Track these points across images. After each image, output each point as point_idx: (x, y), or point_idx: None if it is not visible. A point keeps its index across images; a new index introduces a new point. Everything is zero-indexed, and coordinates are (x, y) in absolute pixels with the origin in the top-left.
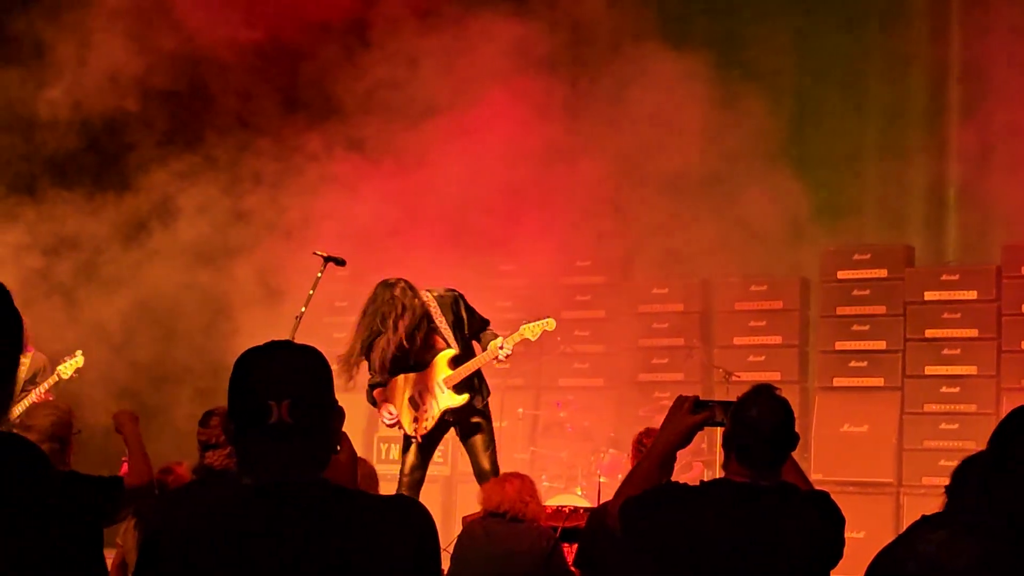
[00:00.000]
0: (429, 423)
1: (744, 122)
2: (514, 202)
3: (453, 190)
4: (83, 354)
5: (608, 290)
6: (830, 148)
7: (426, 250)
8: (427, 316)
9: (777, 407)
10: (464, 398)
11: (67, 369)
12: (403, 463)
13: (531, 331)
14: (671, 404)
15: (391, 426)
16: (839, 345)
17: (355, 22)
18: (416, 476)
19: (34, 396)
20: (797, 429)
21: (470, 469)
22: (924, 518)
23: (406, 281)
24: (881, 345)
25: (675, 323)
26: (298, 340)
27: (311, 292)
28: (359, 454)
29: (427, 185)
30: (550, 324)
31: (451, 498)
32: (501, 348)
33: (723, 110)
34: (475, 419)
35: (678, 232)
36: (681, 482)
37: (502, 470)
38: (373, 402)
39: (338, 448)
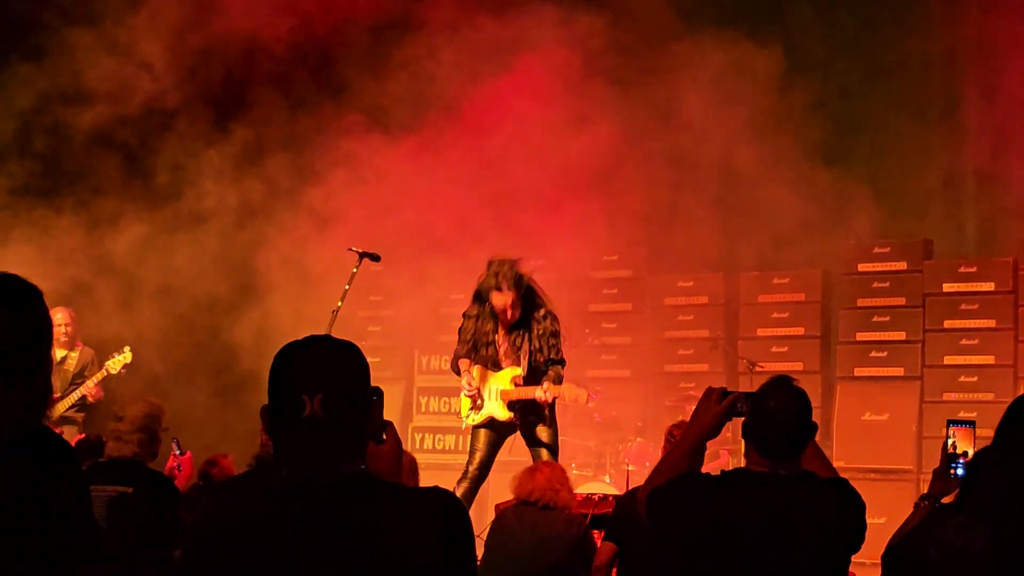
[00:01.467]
0: (476, 420)
1: (765, 116)
2: (542, 197)
3: (480, 185)
4: (131, 350)
5: (634, 284)
6: (850, 142)
7: (454, 244)
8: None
9: (794, 398)
10: (508, 415)
11: (115, 364)
12: (471, 457)
13: (572, 393)
14: (697, 394)
15: (469, 395)
16: (860, 336)
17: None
18: (482, 473)
19: (83, 390)
20: (819, 418)
21: (502, 459)
22: (940, 507)
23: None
24: (901, 336)
25: (700, 315)
26: (335, 333)
27: (347, 287)
28: None
29: (454, 179)
30: (583, 396)
31: (484, 485)
32: (545, 392)
33: (745, 104)
34: (543, 427)
35: (702, 226)
36: (705, 472)
37: (533, 458)
38: (457, 370)
39: (383, 437)
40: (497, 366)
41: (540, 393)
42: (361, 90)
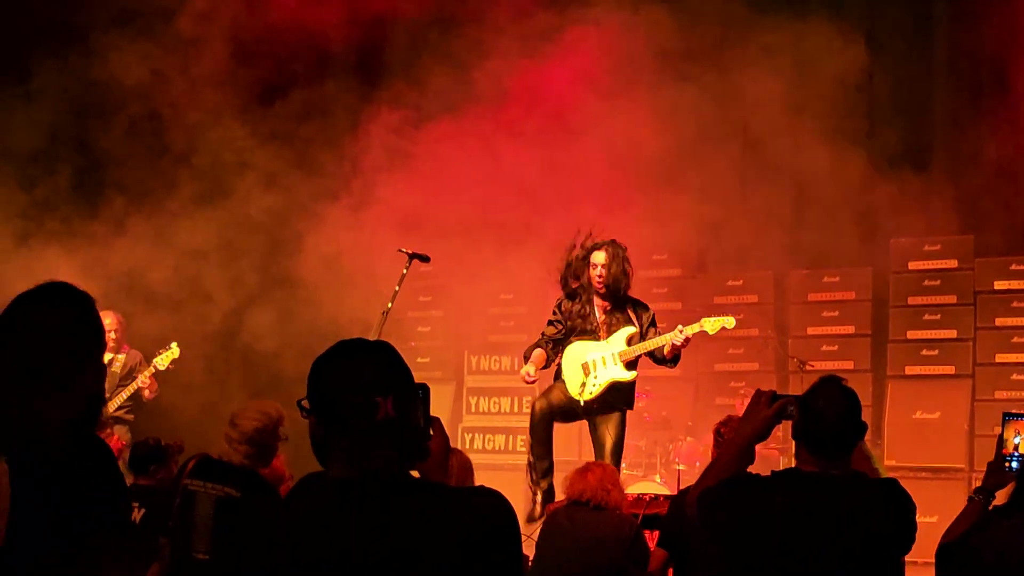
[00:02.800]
0: (596, 390)
1: (815, 114)
2: (592, 195)
3: (529, 183)
4: (178, 346)
5: (684, 283)
6: (900, 139)
7: (503, 244)
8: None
9: (843, 397)
10: (633, 375)
11: (163, 361)
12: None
13: (711, 325)
14: (748, 394)
15: (529, 383)
16: (911, 334)
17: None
18: (548, 412)
19: (138, 383)
20: (870, 417)
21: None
22: (995, 508)
23: None
24: (952, 334)
25: (750, 314)
26: (384, 335)
27: (396, 288)
28: None
29: (504, 178)
30: (729, 322)
31: None
32: (681, 332)
33: (789, 104)
34: (613, 419)
35: (751, 224)
36: (754, 473)
37: (582, 458)
38: (527, 356)
39: (430, 433)
40: (601, 332)
41: (676, 335)
42: (413, 84)
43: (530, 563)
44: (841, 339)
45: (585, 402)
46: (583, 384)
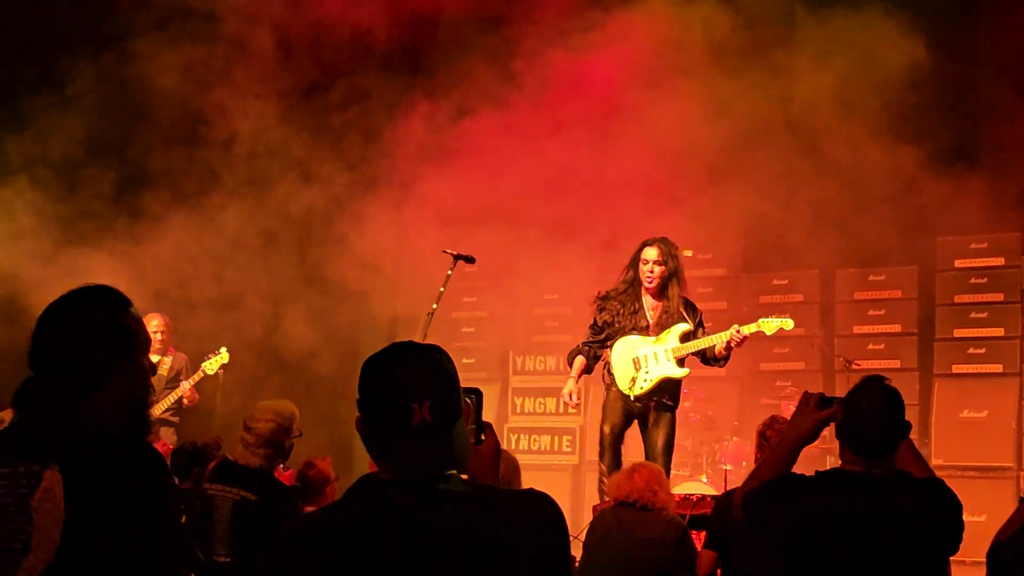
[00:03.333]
0: (647, 386)
1: (864, 110)
2: (639, 195)
3: (574, 182)
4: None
5: (729, 282)
6: (945, 138)
7: (547, 241)
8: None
9: (886, 396)
10: (685, 372)
11: (212, 365)
12: (604, 463)
13: (768, 326)
14: (793, 394)
15: (572, 406)
16: (957, 332)
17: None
18: (611, 439)
19: (179, 392)
20: (917, 415)
21: (595, 458)
22: None
23: None
24: (999, 332)
25: (795, 313)
26: (430, 335)
27: (442, 289)
28: None
29: (549, 176)
30: (788, 323)
31: (580, 486)
32: (739, 332)
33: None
34: (664, 419)
35: (797, 223)
36: (798, 473)
37: (627, 458)
38: (570, 360)
39: (482, 438)
40: (652, 329)
41: (732, 333)
42: (458, 79)
43: (577, 564)
44: (887, 338)
45: (636, 397)
46: (633, 379)
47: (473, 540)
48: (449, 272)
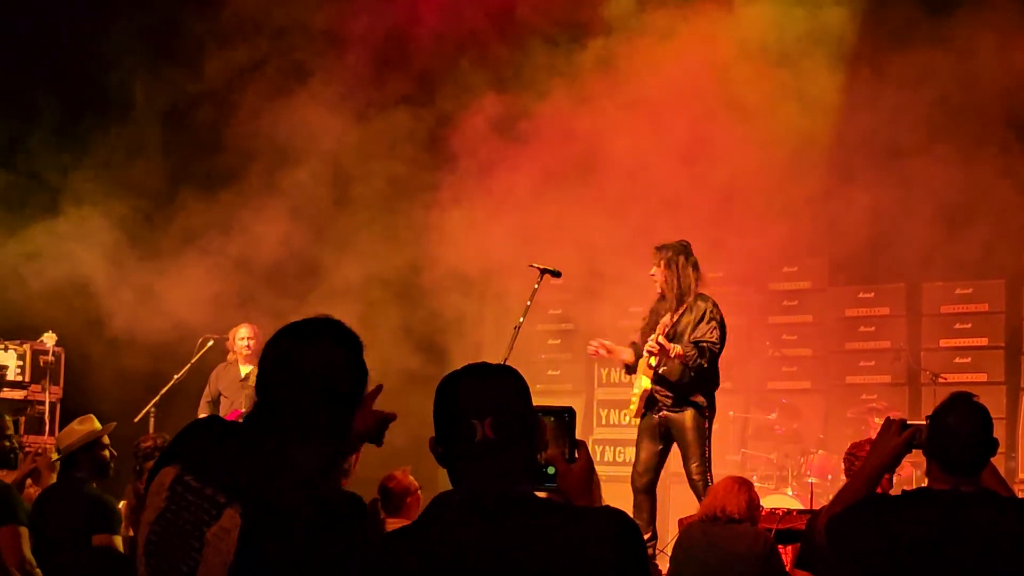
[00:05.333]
0: (633, 407)
1: (954, 122)
2: (721, 208)
3: (658, 193)
4: None
5: (815, 295)
6: None
7: (632, 254)
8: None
9: (974, 413)
10: (648, 382)
11: None
12: (634, 468)
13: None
14: (879, 408)
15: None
16: None
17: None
18: (643, 482)
19: None
20: (1005, 429)
21: (681, 471)
22: None
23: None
24: None
25: (881, 326)
26: (516, 349)
27: (528, 303)
28: None
29: (633, 187)
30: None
31: (664, 497)
32: (656, 343)
33: (927, 113)
34: (686, 424)
35: (883, 235)
36: (884, 492)
37: (715, 471)
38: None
39: (575, 456)
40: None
41: (650, 343)
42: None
43: None
44: (974, 351)
45: (633, 417)
46: (631, 399)
47: (539, 557)
48: (536, 286)
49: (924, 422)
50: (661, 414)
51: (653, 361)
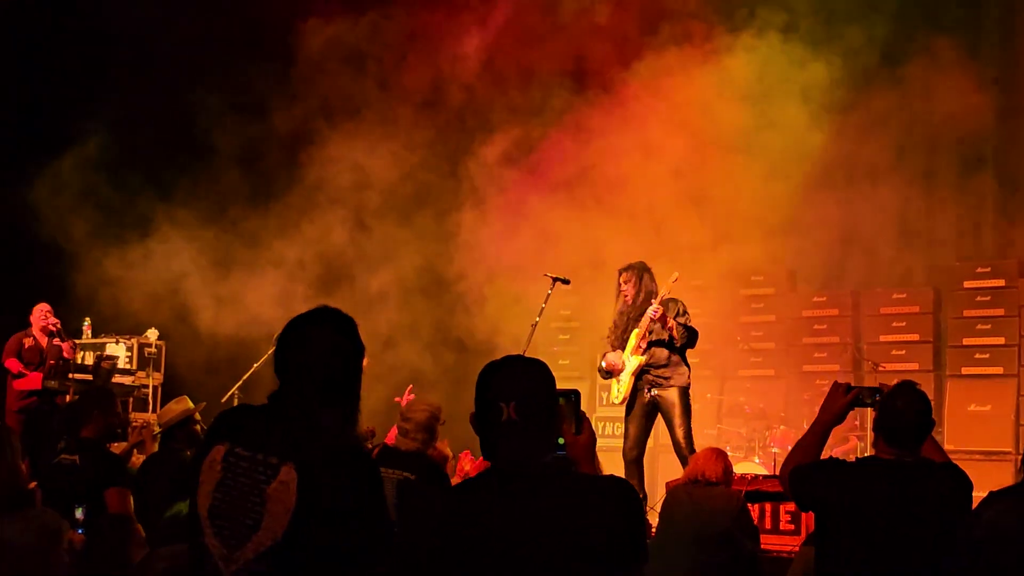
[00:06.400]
0: (624, 388)
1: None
2: (702, 227)
3: (653, 218)
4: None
5: (777, 299)
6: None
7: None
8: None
9: (918, 399)
10: (639, 359)
11: None
12: (624, 443)
13: (665, 288)
14: (828, 389)
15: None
16: (966, 341)
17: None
18: (633, 455)
19: None
20: (933, 409)
21: (669, 442)
22: (991, 493)
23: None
24: (1000, 340)
25: (832, 325)
26: (533, 343)
27: (543, 305)
28: None
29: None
30: (673, 275)
31: (654, 465)
32: (652, 307)
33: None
34: (673, 401)
35: (834, 251)
36: (839, 453)
37: (696, 443)
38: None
39: (582, 429)
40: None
41: (650, 312)
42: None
43: (654, 531)
44: (908, 345)
45: (622, 399)
46: (616, 391)
47: (558, 516)
48: (549, 292)
49: (865, 386)
50: (653, 393)
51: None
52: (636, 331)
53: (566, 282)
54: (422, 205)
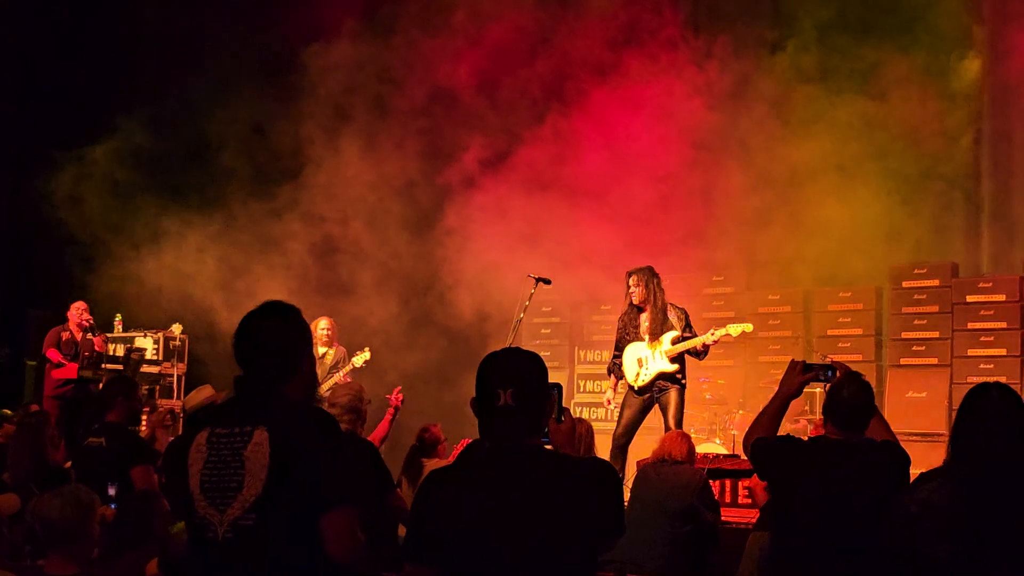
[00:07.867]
0: (647, 378)
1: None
2: (667, 232)
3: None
4: (370, 350)
5: (736, 297)
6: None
7: (602, 267)
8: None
9: (862, 388)
10: (675, 367)
11: (359, 360)
12: (616, 428)
13: (735, 329)
14: (785, 371)
15: (608, 407)
16: (904, 335)
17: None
18: (622, 441)
19: (338, 378)
20: (875, 395)
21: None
22: (922, 474)
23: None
24: (935, 335)
25: (785, 320)
26: (517, 337)
27: (527, 303)
28: None
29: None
30: (748, 327)
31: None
32: (712, 335)
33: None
34: (670, 393)
35: (785, 253)
36: (792, 432)
37: (657, 424)
38: (610, 371)
39: (562, 418)
40: (652, 335)
41: (708, 337)
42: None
43: (627, 505)
44: (853, 338)
45: (639, 388)
46: (637, 374)
47: (545, 490)
48: (532, 291)
49: (818, 362)
50: (657, 395)
51: (688, 346)
52: (672, 335)
53: (547, 282)
54: (416, 210)
